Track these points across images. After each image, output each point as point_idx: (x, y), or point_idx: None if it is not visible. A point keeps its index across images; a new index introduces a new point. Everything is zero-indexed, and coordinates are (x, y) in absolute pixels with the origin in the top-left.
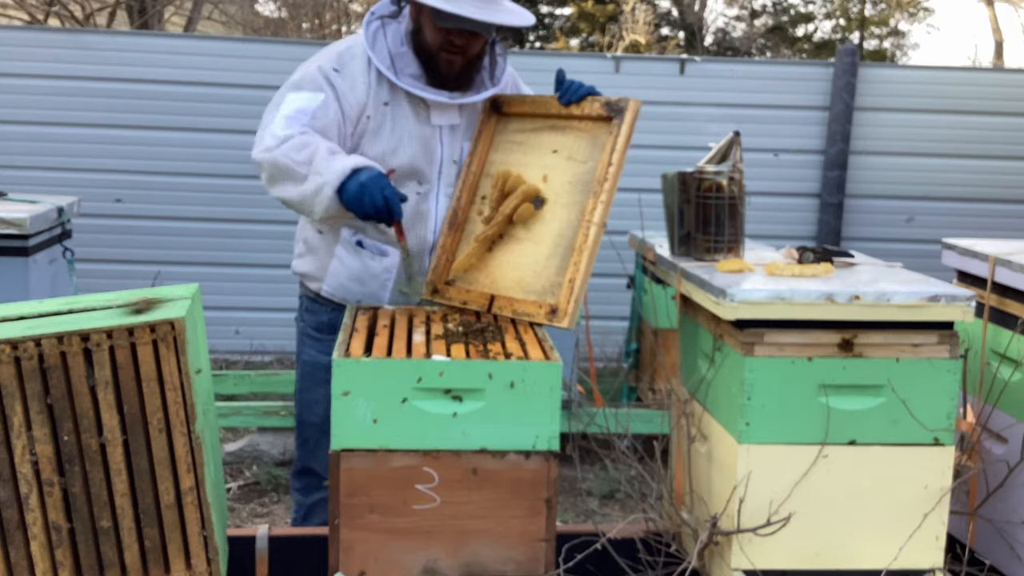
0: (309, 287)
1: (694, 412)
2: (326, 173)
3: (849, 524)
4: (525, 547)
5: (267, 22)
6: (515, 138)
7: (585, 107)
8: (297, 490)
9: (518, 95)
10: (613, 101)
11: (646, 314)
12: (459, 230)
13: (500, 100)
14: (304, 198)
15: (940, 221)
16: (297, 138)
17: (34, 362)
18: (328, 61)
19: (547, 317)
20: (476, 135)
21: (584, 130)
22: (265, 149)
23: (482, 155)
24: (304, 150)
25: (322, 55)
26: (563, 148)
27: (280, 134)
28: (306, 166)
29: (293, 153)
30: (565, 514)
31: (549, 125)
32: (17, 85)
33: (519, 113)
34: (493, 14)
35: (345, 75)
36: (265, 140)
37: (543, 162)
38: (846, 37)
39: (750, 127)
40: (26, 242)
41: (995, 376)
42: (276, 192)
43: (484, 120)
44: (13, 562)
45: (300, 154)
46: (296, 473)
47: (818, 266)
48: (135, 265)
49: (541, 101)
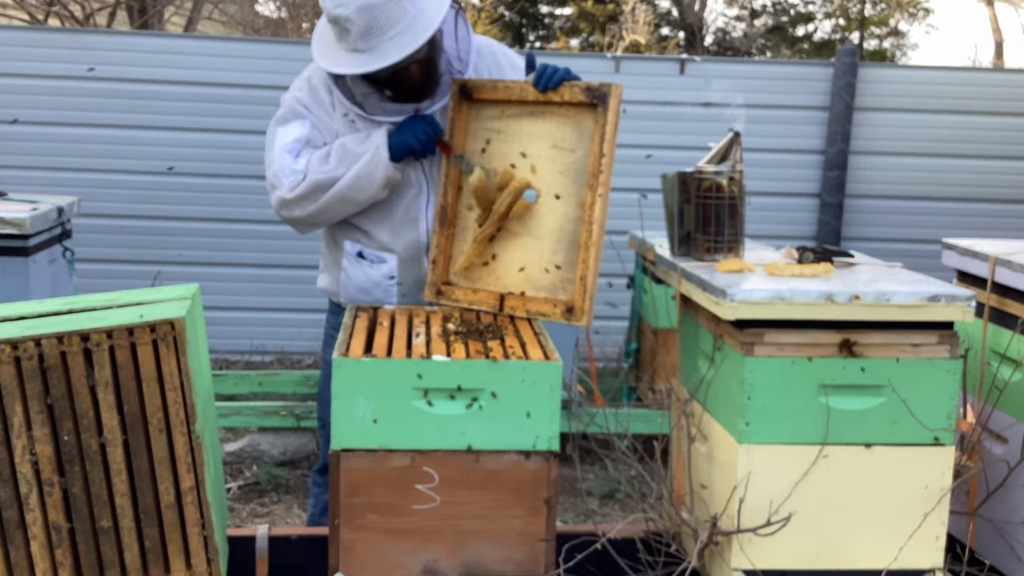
0: (331, 298)
1: (694, 412)
2: (369, 146)
3: (849, 524)
4: (525, 547)
5: (267, 22)
6: (492, 126)
7: (564, 93)
8: (317, 485)
9: (489, 81)
10: (595, 87)
11: (646, 314)
12: (451, 226)
13: (470, 86)
14: (357, 180)
15: (940, 221)
16: (312, 156)
17: (34, 362)
18: (300, 90)
19: (564, 316)
20: (449, 125)
21: (566, 116)
22: (293, 186)
23: (460, 146)
24: (328, 158)
25: (294, 85)
26: (546, 136)
27: (298, 168)
28: (336, 162)
29: (320, 167)
30: (565, 514)
31: (527, 112)
32: (17, 85)
33: (492, 99)
34: (402, 47)
35: (316, 99)
36: (286, 180)
37: (528, 151)
38: (846, 37)
39: (750, 127)
40: (26, 242)
41: (995, 376)
42: (324, 202)
43: (455, 108)
44: (13, 562)
45: (327, 164)
46: (318, 470)
47: (818, 266)
48: (135, 265)
49: (515, 87)
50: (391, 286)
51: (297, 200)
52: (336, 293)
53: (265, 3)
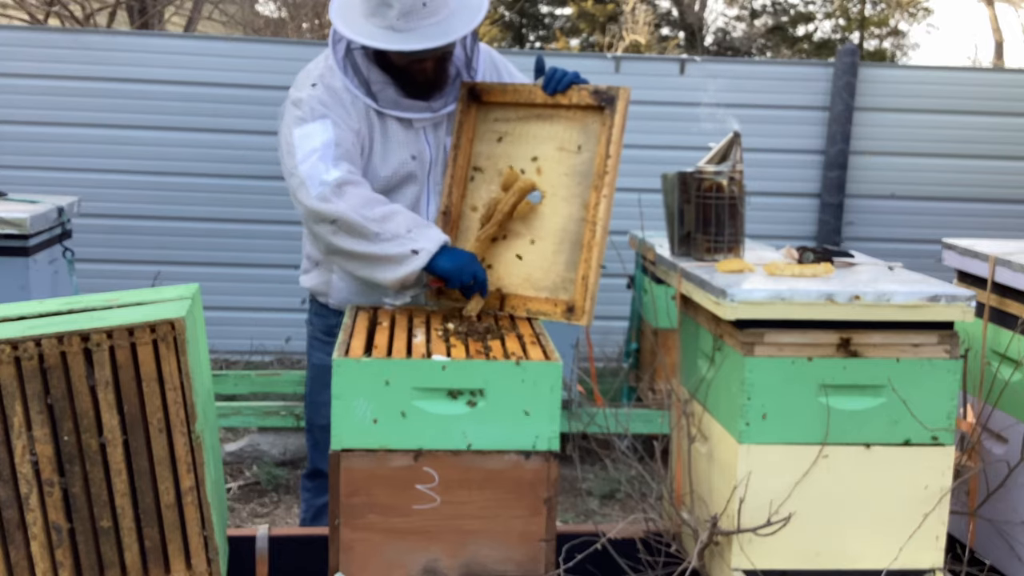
0: (317, 299)
1: (694, 412)
2: (422, 240)
3: (849, 524)
4: (525, 547)
5: (267, 22)
6: (499, 128)
7: (572, 96)
8: (307, 490)
9: (498, 84)
10: (602, 89)
11: (646, 314)
12: (454, 228)
13: (479, 89)
14: (382, 257)
15: (940, 221)
16: (355, 188)
17: (34, 362)
18: (316, 90)
19: (564, 316)
20: (457, 127)
21: (573, 119)
22: (321, 198)
23: (467, 147)
24: (375, 207)
25: (304, 83)
26: (553, 138)
27: (329, 179)
28: (379, 224)
29: (363, 209)
30: (565, 514)
31: (535, 114)
32: (17, 85)
33: (501, 102)
34: (445, 32)
35: (335, 99)
36: (314, 188)
37: (534, 153)
38: (846, 37)
39: (750, 127)
40: (26, 242)
41: (995, 376)
42: (339, 243)
43: (464, 110)
44: (13, 562)
45: (371, 211)
46: (307, 475)
47: (818, 266)
48: (135, 265)
49: (524, 90)
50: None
51: (320, 217)
52: (324, 293)
53: (265, 3)
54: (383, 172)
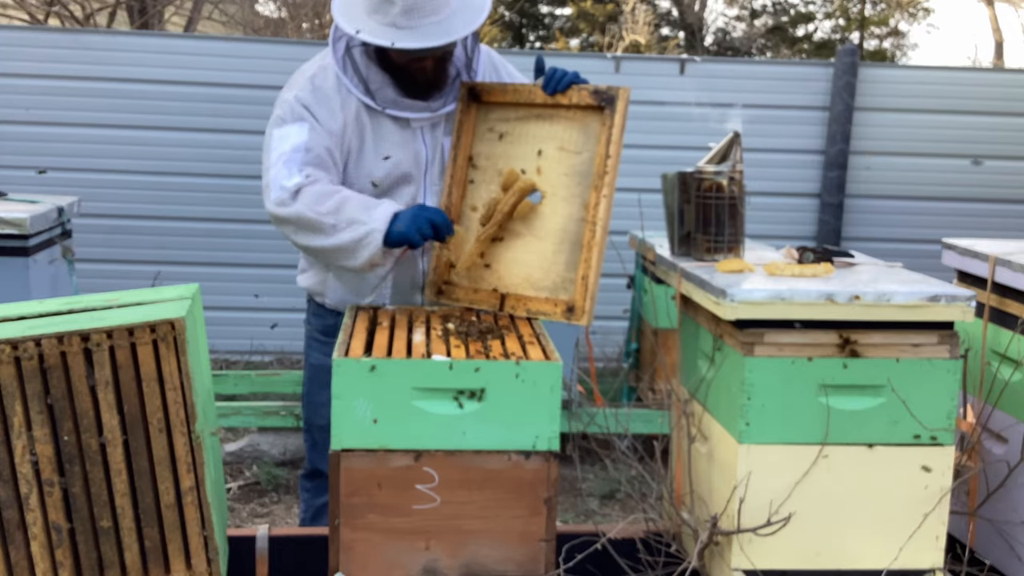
0: (314, 299)
1: (694, 412)
2: (371, 221)
3: (849, 524)
4: (525, 547)
5: (267, 22)
6: (499, 128)
7: (572, 96)
8: (306, 490)
9: (498, 84)
10: (602, 89)
11: (646, 314)
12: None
13: (479, 89)
14: (341, 247)
15: (940, 221)
16: (311, 188)
17: (34, 362)
18: (302, 89)
19: (564, 316)
20: (457, 127)
21: (573, 119)
22: (279, 203)
23: (466, 147)
24: (327, 201)
25: (295, 83)
26: (553, 138)
27: (289, 185)
28: (333, 216)
29: (316, 206)
30: (565, 514)
31: (535, 114)
32: (17, 85)
33: (501, 102)
34: (447, 32)
35: (320, 100)
36: (274, 192)
37: (534, 153)
38: (846, 37)
39: (750, 127)
40: (26, 242)
41: (995, 376)
42: (303, 242)
43: (463, 110)
44: (13, 562)
45: (323, 205)
46: (305, 475)
47: (818, 266)
48: (135, 265)
49: (524, 90)
50: (384, 287)
51: (279, 218)
52: (321, 294)
53: (265, 3)
54: (377, 172)
